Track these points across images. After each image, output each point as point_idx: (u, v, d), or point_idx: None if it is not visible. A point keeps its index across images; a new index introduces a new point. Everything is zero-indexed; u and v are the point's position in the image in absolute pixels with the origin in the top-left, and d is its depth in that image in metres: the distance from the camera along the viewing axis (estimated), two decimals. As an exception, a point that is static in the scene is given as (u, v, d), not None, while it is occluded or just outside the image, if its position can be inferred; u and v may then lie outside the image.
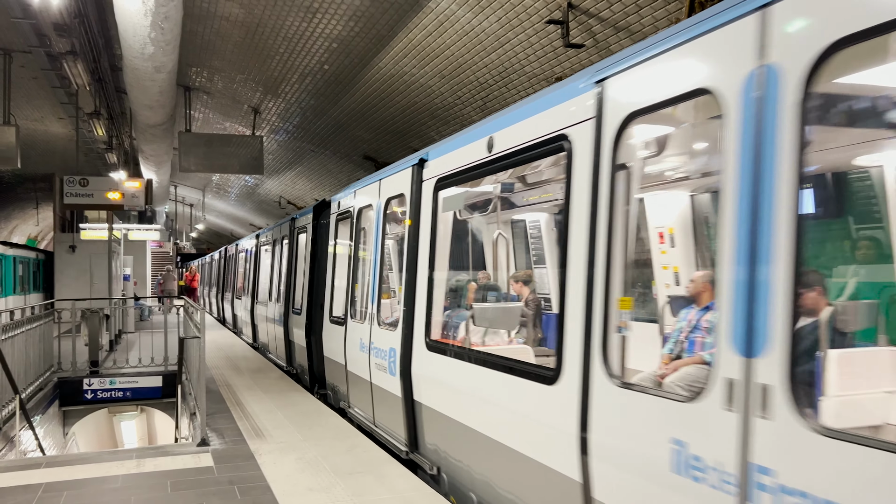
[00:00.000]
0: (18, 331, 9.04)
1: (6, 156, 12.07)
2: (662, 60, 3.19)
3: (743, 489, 2.60)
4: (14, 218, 33.90)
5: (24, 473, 5.97)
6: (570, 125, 3.86)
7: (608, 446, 3.39)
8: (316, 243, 10.29)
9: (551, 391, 3.81)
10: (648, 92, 3.28)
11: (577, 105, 3.83)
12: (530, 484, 4.09)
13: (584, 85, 3.79)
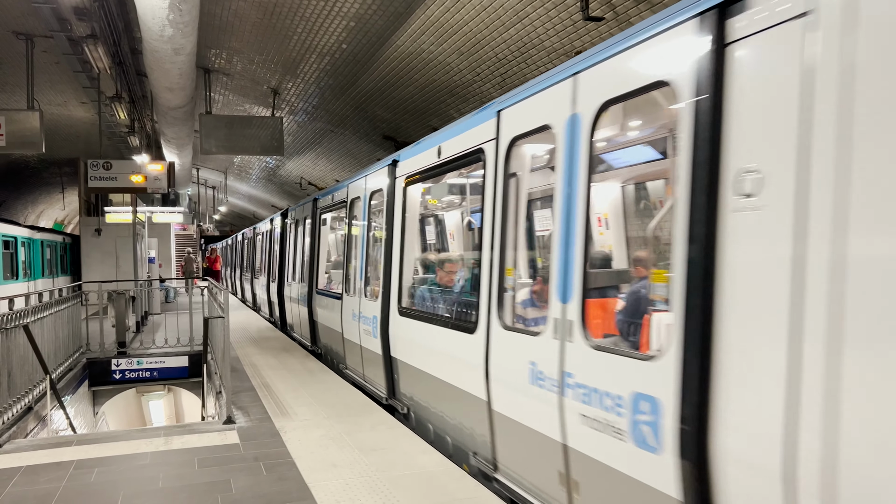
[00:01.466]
0: (47, 312, 9.20)
1: (31, 141, 12.21)
2: (529, 102, 4.60)
3: (560, 387, 4.03)
4: (41, 202, 34.41)
5: (56, 451, 6.11)
6: (484, 142, 5.21)
7: (499, 372, 4.85)
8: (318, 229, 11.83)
9: (471, 338, 5.23)
10: (522, 123, 4.69)
11: (487, 128, 5.17)
12: (462, 408, 5.59)
13: (490, 113, 5.18)
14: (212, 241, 47.75)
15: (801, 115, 2.60)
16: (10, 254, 19.48)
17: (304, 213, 12.79)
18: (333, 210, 10.84)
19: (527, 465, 4.60)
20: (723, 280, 2.93)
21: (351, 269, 9.18)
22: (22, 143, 12.27)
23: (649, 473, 3.30)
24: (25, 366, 8.01)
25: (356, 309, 8.66)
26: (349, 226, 9.55)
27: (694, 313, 3.02)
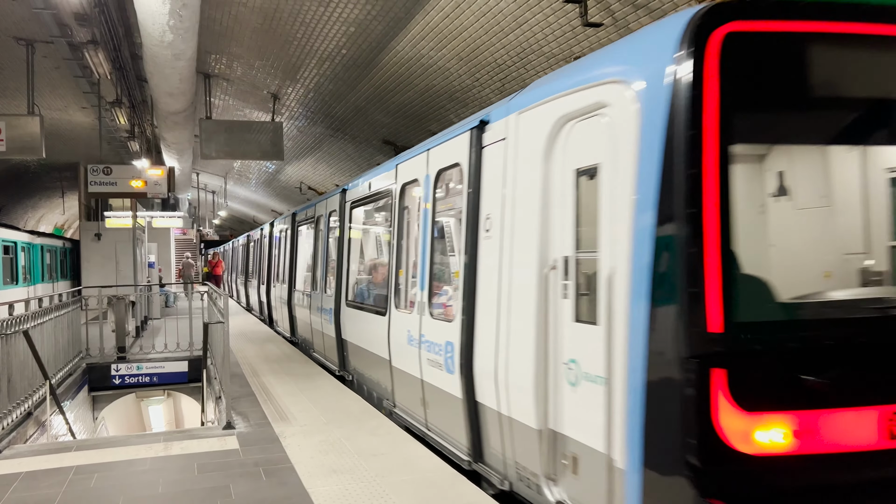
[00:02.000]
0: (47, 318, 9.20)
1: (31, 146, 12.23)
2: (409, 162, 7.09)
3: (419, 344, 6.28)
4: (41, 207, 34.44)
5: (55, 457, 6.11)
6: (390, 184, 7.59)
7: (394, 339, 7.08)
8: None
9: (383, 318, 7.45)
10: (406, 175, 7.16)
11: (391, 175, 7.60)
12: (379, 369, 7.78)
13: (392, 165, 7.62)
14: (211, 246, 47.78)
15: (502, 187, 4.98)
16: (10, 259, 19.48)
17: (285, 225, 14.93)
18: (305, 224, 12.90)
19: (407, 399, 6.97)
20: (479, 276, 5.29)
21: (317, 272, 11.50)
22: (22, 149, 12.30)
23: (451, 386, 5.64)
24: (25, 371, 8.01)
25: (320, 304, 10.94)
26: (315, 237, 11.84)
27: (467, 294, 5.41)
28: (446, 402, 5.80)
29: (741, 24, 3.29)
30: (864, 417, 3.31)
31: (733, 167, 3.27)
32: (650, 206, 3.41)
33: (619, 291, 3.57)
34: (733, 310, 3.19)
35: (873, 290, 3.85)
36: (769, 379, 3.26)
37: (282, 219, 15.99)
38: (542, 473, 4.39)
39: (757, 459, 3.19)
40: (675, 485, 3.26)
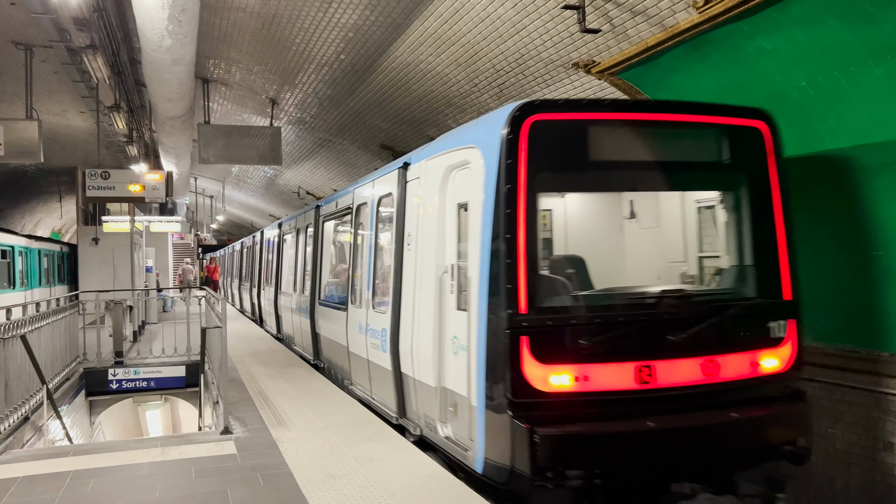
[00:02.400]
0: (44, 322, 9.19)
1: (29, 150, 12.23)
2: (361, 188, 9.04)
3: (366, 332, 8.10)
4: (38, 211, 34.39)
5: (53, 461, 6.10)
6: (350, 204, 9.49)
7: (351, 329, 8.86)
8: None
9: (343, 313, 9.33)
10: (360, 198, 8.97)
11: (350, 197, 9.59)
12: (341, 355, 9.56)
13: (351, 189, 9.66)
14: (209, 250, 47.70)
15: (417, 212, 6.69)
16: (8, 263, 19.45)
17: (273, 234, 17.02)
18: (288, 233, 14.84)
19: (359, 376, 8.73)
20: (403, 278, 6.94)
21: (297, 276, 13.18)
22: (20, 153, 12.29)
23: (385, 362, 7.35)
24: (22, 376, 8.00)
25: (299, 304, 12.64)
26: (296, 246, 13.66)
27: (395, 292, 7.11)
28: (383, 375, 7.57)
29: (541, 116, 5.17)
30: (623, 369, 5.17)
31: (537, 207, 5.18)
32: (489, 231, 5.18)
33: (475, 288, 5.33)
34: (533, 299, 5.03)
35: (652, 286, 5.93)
36: (558, 343, 5.07)
37: (269, 228, 18.16)
38: (438, 418, 6.14)
39: (551, 395, 5.03)
40: (502, 413, 5.04)
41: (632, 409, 5.15)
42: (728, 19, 6.30)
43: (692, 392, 5.37)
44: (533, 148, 5.12)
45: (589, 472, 4.81)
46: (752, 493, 5.38)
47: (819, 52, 6.14)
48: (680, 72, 7.45)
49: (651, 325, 5.31)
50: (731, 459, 5.43)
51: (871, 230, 6.55)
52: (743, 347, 5.58)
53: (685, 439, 5.19)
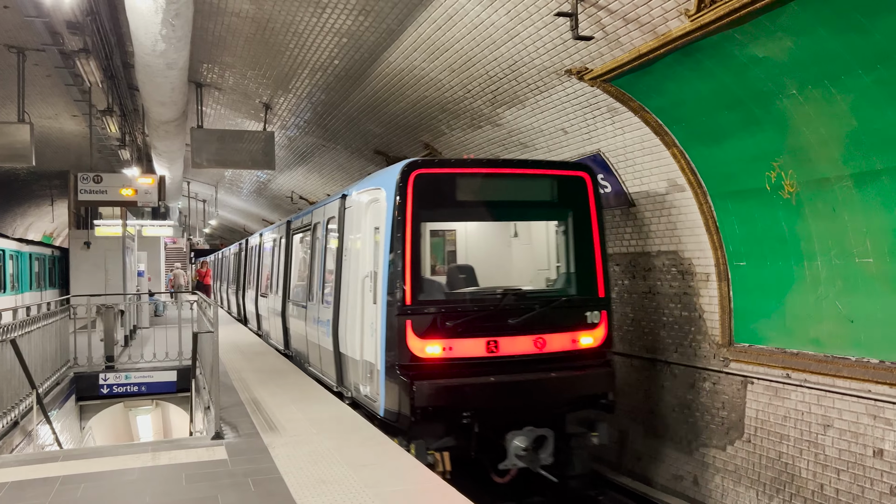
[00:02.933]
0: (35, 326, 9.15)
1: (21, 153, 12.18)
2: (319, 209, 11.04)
3: (317, 322, 10.27)
4: (30, 215, 34.24)
5: (42, 466, 6.06)
6: (315, 221, 11.23)
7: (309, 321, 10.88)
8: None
9: (305, 309, 11.12)
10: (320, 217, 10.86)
11: (313, 215, 11.39)
12: (304, 344, 11.32)
13: (313, 209, 11.54)
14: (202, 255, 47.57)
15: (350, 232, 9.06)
16: (-2, 266, 19.36)
17: (254, 242, 19.46)
18: (267, 242, 16.98)
19: (314, 359, 10.69)
20: (342, 281, 9.08)
21: (273, 279, 15.24)
22: (12, 156, 12.25)
23: (329, 345, 9.34)
24: (12, 380, 7.96)
25: (275, 303, 14.38)
26: (273, 253, 15.66)
27: (335, 291, 9.22)
28: (328, 355, 9.66)
29: (422, 170, 7.63)
30: (476, 342, 7.52)
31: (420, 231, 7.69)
32: (388, 248, 7.58)
33: (381, 288, 7.68)
34: (415, 295, 7.43)
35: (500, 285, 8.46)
36: (432, 324, 7.44)
37: (252, 237, 20.59)
38: (361, 382, 8.36)
39: (427, 360, 7.34)
40: (394, 374, 7.34)
41: (482, 369, 7.55)
42: (719, 28, 6.34)
43: (526, 359, 7.75)
44: (416, 192, 7.58)
45: (452, 411, 7.32)
46: (574, 431, 8.10)
47: (809, 61, 6.19)
48: (672, 79, 7.50)
49: (497, 313, 7.75)
50: (554, 405, 7.95)
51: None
52: (566, 329, 7.99)
53: (519, 390, 7.70)
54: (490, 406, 7.56)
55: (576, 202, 8.38)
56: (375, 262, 8.06)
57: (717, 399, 8.81)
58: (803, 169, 7.01)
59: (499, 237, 10.00)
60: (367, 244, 8.49)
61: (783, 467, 7.82)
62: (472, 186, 8.24)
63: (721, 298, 8.63)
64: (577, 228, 8.37)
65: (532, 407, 7.83)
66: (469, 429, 7.44)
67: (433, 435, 7.49)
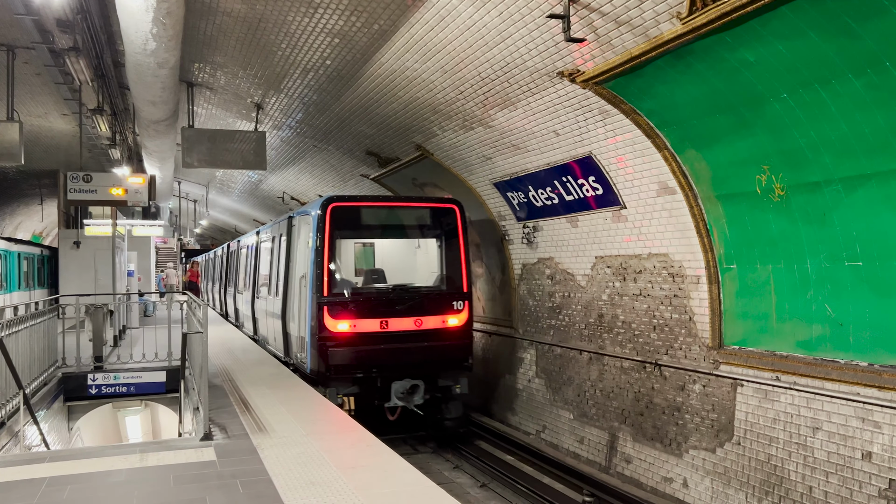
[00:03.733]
0: (22, 326, 9.07)
1: (10, 152, 12.08)
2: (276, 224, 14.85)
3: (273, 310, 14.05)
4: (19, 214, 34.00)
5: (28, 468, 6.01)
6: (276, 233, 14.43)
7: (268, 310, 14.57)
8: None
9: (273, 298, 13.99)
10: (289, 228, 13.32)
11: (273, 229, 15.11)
12: (264, 328, 15.32)
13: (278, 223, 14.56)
14: (193, 255, 47.40)
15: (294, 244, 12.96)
16: (-14, 266, 19.21)
17: (234, 247, 22.66)
18: (242, 249, 20.38)
19: (272, 340, 14.18)
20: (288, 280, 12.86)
21: (245, 278, 18.67)
22: (0, 155, 12.14)
23: (279, 327, 13.27)
24: (-1, 380, 7.88)
25: (247, 297, 17.65)
26: (246, 257, 18.96)
27: (284, 287, 12.98)
28: (279, 336, 13.25)
29: (337, 203, 11.37)
30: (373, 321, 11.15)
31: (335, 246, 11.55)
32: (314, 257, 11.18)
33: (309, 284, 11.20)
34: (330, 289, 11.11)
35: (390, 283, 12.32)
36: (341, 309, 11.07)
37: (232, 242, 24.09)
38: (297, 352, 11.85)
39: (338, 333, 10.99)
40: (315, 344, 11.01)
41: (377, 340, 11.20)
42: (711, 31, 6.36)
43: (408, 333, 11.37)
44: (332, 218, 11.25)
45: (354, 368, 11.12)
46: (445, 384, 11.78)
47: (801, 65, 6.22)
48: (663, 82, 7.52)
49: (388, 301, 11.45)
50: (427, 365, 11.56)
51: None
52: (438, 313, 11.65)
53: (401, 354, 11.31)
54: (381, 365, 11.28)
55: (447, 226, 12.19)
56: (307, 266, 11.60)
57: (707, 401, 8.84)
58: (794, 172, 7.04)
59: (406, 249, 14.11)
60: (303, 253, 12.04)
61: (772, 470, 7.84)
62: (372, 215, 12.34)
63: (711, 301, 8.65)
64: (449, 244, 12.20)
65: (411, 366, 11.45)
66: (367, 380, 11.24)
67: (342, 384, 11.08)
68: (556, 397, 12.14)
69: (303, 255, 11.90)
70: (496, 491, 10.49)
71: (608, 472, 10.42)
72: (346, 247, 13.90)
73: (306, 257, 11.58)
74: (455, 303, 11.84)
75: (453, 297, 11.85)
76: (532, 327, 13.03)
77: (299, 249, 12.28)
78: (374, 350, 11.19)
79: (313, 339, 11.07)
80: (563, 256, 11.73)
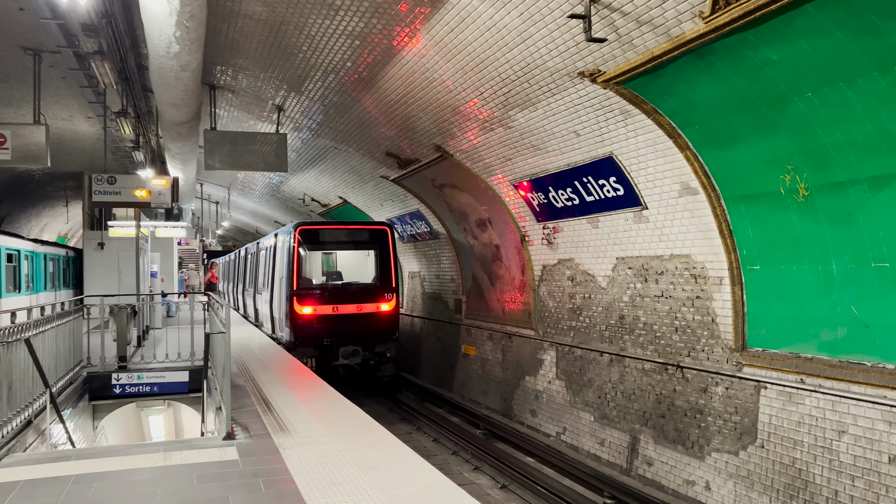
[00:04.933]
0: (49, 326, 9.20)
1: (36, 155, 12.26)
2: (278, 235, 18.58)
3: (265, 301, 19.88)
4: (45, 216, 34.49)
5: (55, 465, 6.10)
6: (272, 242, 19.19)
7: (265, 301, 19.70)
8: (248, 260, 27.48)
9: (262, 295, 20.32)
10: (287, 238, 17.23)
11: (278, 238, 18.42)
12: (260, 316, 20.92)
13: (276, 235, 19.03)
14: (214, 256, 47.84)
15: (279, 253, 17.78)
16: (14, 267, 19.51)
17: (243, 253, 27.40)
18: (250, 254, 24.77)
19: (264, 324, 19.79)
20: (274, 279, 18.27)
21: (249, 277, 23.81)
22: (27, 157, 12.33)
23: (268, 312, 19.06)
24: (26, 379, 8.00)
25: (250, 293, 22.72)
26: (253, 262, 23.30)
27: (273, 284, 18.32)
28: (269, 319, 18.75)
29: (303, 227, 16.73)
30: (328, 306, 16.37)
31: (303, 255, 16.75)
32: (287, 262, 16.60)
33: (286, 282, 16.59)
34: (298, 285, 16.34)
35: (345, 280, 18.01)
36: (307, 298, 16.33)
37: (241, 249, 28.80)
38: (279, 329, 17.25)
39: (304, 315, 16.20)
40: (289, 322, 16.35)
41: (330, 319, 16.20)
42: (734, 30, 6.31)
43: (352, 315, 16.37)
44: (300, 237, 16.35)
45: (313, 339, 16.08)
46: (379, 351, 16.52)
47: (825, 63, 6.14)
48: (684, 82, 7.47)
49: (338, 292, 16.66)
50: (365, 336, 16.37)
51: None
52: (373, 301, 16.59)
53: (347, 329, 16.24)
54: (332, 336, 16.20)
55: (382, 242, 17.04)
56: (283, 269, 16.86)
57: (729, 404, 8.76)
58: (818, 172, 6.96)
59: (352, 257, 19.53)
60: (282, 260, 17.17)
61: (797, 473, 7.75)
62: (328, 234, 17.48)
63: (734, 302, 8.57)
64: (382, 254, 17.04)
65: (353, 337, 16.35)
66: (323, 346, 16.11)
67: (307, 350, 15.91)
68: (576, 399, 12.08)
69: (281, 261, 17.18)
70: (516, 492, 10.46)
71: (629, 475, 10.35)
72: (310, 256, 18.72)
73: (283, 263, 16.92)
74: (386, 294, 16.86)
75: (385, 290, 16.88)
76: (552, 328, 12.99)
77: (280, 257, 17.48)
78: (328, 326, 16.23)
79: (287, 319, 16.40)
80: (584, 257, 11.68)
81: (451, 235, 16.93)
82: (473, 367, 16.53)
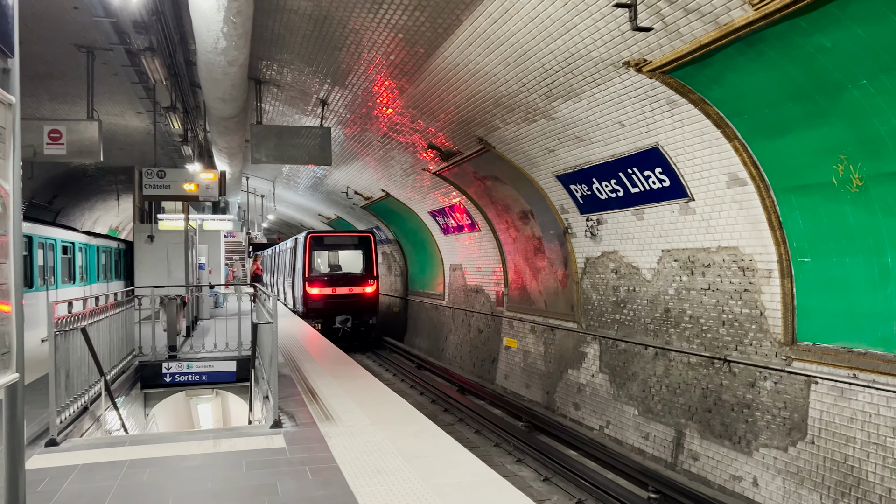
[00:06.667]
0: (103, 316, 9.48)
1: (90, 149, 12.61)
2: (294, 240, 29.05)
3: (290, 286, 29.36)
4: (97, 209, 35.48)
5: (110, 451, 6.30)
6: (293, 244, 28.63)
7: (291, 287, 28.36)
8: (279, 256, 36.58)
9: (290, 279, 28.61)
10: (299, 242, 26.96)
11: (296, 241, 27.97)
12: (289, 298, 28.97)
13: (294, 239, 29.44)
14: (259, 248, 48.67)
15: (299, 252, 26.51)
16: (69, 259, 20.13)
17: (279, 249, 35.05)
18: (282, 250, 32.68)
19: (290, 302, 28.63)
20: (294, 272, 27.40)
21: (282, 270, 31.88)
22: (81, 152, 12.69)
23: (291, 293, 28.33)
24: (82, 367, 8.27)
25: (282, 282, 31.60)
26: (284, 258, 31.13)
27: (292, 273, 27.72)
28: (291, 299, 27.89)
29: (313, 234, 26.04)
30: (328, 288, 25.18)
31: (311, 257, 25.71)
32: (303, 259, 25.62)
33: (301, 272, 25.62)
34: (310, 274, 25.34)
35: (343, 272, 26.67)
36: (316, 282, 25.29)
37: (279, 245, 36.01)
38: (298, 305, 26.43)
39: (313, 295, 25.11)
40: (302, 299, 25.49)
41: (330, 297, 25.01)
42: (785, 16, 6.16)
43: (346, 294, 25.16)
44: (310, 242, 25.52)
45: (319, 310, 24.78)
46: (363, 321, 25.38)
47: (881, 49, 5.96)
48: (733, 70, 7.32)
49: (337, 279, 25.50)
50: (355, 309, 25.19)
51: None
52: (361, 285, 25.42)
53: (341, 304, 25.03)
54: (332, 308, 24.61)
55: (366, 244, 25.63)
56: (301, 263, 25.41)
57: (778, 398, 8.59)
58: (873, 162, 6.76)
59: (347, 254, 26.62)
60: (300, 257, 25.55)
61: (849, 470, 7.57)
62: (329, 239, 26.44)
63: (784, 296, 8.39)
64: (367, 253, 25.62)
65: (346, 310, 24.71)
66: (325, 316, 24.41)
67: (314, 318, 23.94)
68: (620, 392, 11.99)
69: (300, 258, 25.55)
70: (559, 485, 10.44)
71: (674, 469, 10.24)
72: (318, 254, 26.36)
73: (300, 258, 25.38)
74: (369, 280, 25.34)
75: (368, 278, 25.37)
76: (595, 322, 12.90)
77: (298, 256, 25.90)
78: (329, 302, 24.62)
79: (301, 297, 25.07)
80: (628, 250, 11.56)
81: (492, 228, 16.90)
82: (515, 360, 16.50)
